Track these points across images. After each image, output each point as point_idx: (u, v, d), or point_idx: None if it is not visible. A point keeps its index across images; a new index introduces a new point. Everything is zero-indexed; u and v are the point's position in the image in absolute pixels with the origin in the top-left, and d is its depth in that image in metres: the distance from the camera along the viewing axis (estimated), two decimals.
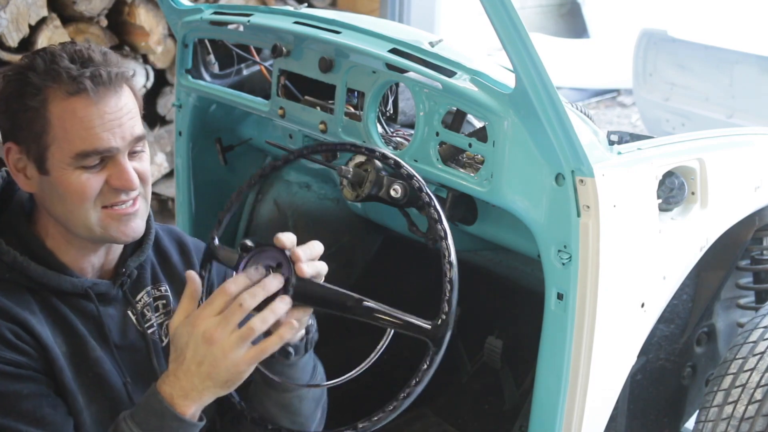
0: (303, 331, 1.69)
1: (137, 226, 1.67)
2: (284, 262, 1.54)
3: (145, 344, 1.74)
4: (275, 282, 1.52)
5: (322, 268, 1.60)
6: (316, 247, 1.60)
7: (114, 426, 1.52)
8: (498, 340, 2.66)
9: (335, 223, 2.76)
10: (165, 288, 1.82)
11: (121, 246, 1.75)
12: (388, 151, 1.75)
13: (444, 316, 1.52)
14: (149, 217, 1.79)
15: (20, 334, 1.57)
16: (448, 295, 1.52)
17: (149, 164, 1.69)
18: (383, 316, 1.54)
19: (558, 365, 1.80)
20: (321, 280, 1.60)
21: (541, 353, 1.84)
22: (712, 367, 2.34)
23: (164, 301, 1.81)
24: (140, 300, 1.77)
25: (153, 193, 4.29)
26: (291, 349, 1.68)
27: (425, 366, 1.52)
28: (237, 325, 1.48)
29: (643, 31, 5.92)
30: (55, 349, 1.61)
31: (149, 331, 1.76)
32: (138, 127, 1.63)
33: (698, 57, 5.64)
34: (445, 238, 1.58)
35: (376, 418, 1.53)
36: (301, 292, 1.54)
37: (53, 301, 1.65)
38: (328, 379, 1.78)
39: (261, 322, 1.49)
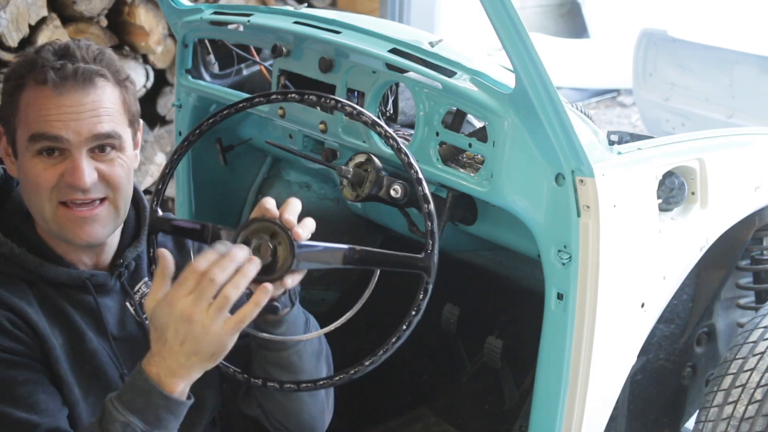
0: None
1: (94, 232, 1.65)
2: (279, 231, 1.56)
3: (144, 335, 1.74)
4: (242, 252, 1.50)
5: (312, 225, 1.61)
6: (297, 205, 1.61)
7: (102, 408, 1.51)
8: (498, 340, 2.66)
9: (335, 223, 2.76)
10: None
11: (117, 241, 1.75)
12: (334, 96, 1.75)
13: (431, 247, 1.60)
14: (144, 208, 1.79)
15: (17, 322, 1.58)
16: (430, 226, 1.61)
17: (125, 171, 1.67)
18: (376, 258, 1.62)
19: (558, 365, 1.80)
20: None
21: (541, 353, 1.84)
22: (712, 367, 2.33)
23: None
24: (138, 291, 1.78)
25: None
26: (278, 304, 1.68)
27: (421, 296, 1.59)
28: (212, 299, 1.46)
29: (643, 31, 5.92)
30: (52, 340, 1.61)
31: (147, 322, 1.76)
32: (104, 125, 1.62)
33: (698, 57, 5.64)
34: (414, 167, 1.64)
35: (381, 352, 1.59)
36: (303, 256, 1.57)
37: (50, 293, 1.65)
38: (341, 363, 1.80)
39: (234, 288, 1.46)
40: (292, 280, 1.59)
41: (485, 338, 2.69)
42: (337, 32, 2.12)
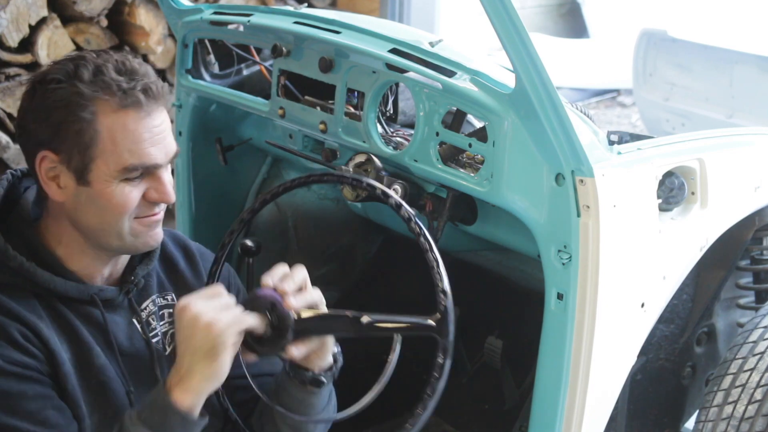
0: (330, 359, 1.72)
1: (160, 233, 1.69)
2: (276, 301, 1.56)
3: (150, 352, 1.73)
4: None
5: (315, 296, 1.62)
6: (298, 274, 1.63)
7: (119, 425, 1.52)
8: (498, 340, 2.66)
9: (335, 223, 2.76)
10: (171, 297, 1.80)
11: (128, 256, 1.74)
12: (374, 182, 1.75)
13: (443, 308, 1.56)
14: None
15: (28, 335, 1.56)
16: (441, 285, 1.57)
17: None
18: (386, 325, 1.56)
19: (558, 365, 1.80)
20: (322, 306, 1.62)
21: (541, 353, 1.84)
22: (712, 367, 2.34)
23: (170, 310, 1.78)
24: (146, 308, 1.76)
25: None
26: (323, 378, 1.71)
27: (440, 359, 1.55)
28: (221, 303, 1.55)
29: (643, 31, 5.92)
30: (62, 355, 1.59)
31: (153, 340, 1.74)
32: (174, 143, 1.64)
33: (698, 57, 5.63)
34: (434, 256, 1.60)
35: (408, 425, 1.56)
36: (300, 327, 1.56)
37: (59, 307, 1.63)
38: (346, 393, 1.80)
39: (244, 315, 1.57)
40: (298, 351, 1.60)
41: (485, 338, 2.69)
42: (337, 32, 2.12)
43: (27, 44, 3.44)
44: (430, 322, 1.55)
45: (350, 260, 2.82)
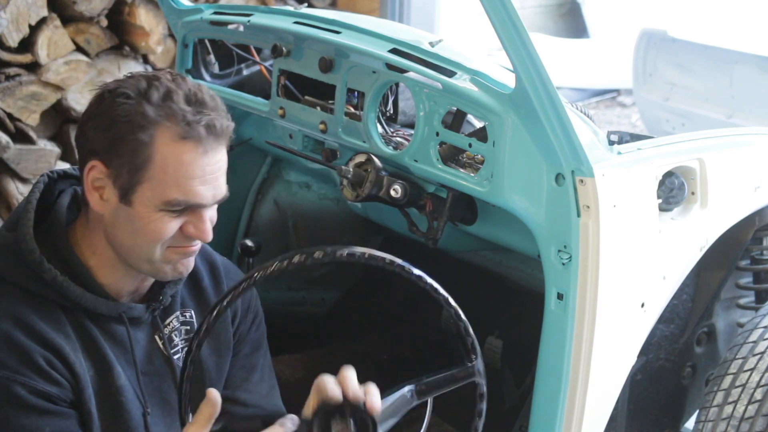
0: None
1: (192, 263, 1.66)
2: (355, 410, 1.50)
3: (171, 370, 1.71)
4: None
5: (376, 391, 1.54)
6: (353, 375, 1.52)
7: None
8: (498, 340, 2.66)
9: (335, 223, 2.76)
10: (191, 314, 1.77)
11: None
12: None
13: (474, 356, 1.67)
14: None
15: (53, 362, 1.54)
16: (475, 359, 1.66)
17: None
18: (436, 384, 1.65)
19: (558, 365, 1.80)
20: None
21: (541, 353, 1.85)
22: (712, 367, 2.34)
23: (188, 327, 1.77)
24: (169, 324, 1.74)
25: None
26: None
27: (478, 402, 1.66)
28: None
29: (643, 31, 5.92)
30: (86, 378, 1.58)
31: (175, 357, 1.72)
32: (225, 186, 1.61)
33: (698, 57, 5.63)
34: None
35: None
36: (382, 419, 1.55)
37: (85, 322, 1.61)
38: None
39: None
40: None
41: (485, 338, 2.69)
42: (337, 32, 2.12)
43: (27, 44, 3.44)
44: (472, 365, 1.65)
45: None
